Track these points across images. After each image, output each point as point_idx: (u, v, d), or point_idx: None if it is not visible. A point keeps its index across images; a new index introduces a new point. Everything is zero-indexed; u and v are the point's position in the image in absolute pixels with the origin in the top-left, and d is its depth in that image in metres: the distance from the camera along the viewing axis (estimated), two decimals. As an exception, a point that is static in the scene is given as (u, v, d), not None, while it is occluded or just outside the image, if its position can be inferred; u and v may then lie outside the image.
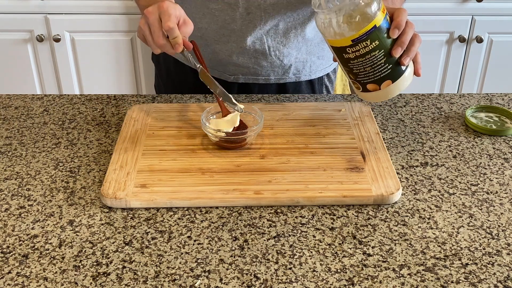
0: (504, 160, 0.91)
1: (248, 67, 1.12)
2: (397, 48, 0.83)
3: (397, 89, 0.86)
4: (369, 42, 0.81)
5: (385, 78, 0.84)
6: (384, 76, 0.84)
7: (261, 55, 1.10)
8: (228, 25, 1.06)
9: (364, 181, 0.83)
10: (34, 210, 0.79)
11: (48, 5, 2.02)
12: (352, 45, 0.81)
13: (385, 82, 0.85)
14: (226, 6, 1.04)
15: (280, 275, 0.69)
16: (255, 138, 0.92)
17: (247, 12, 1.04)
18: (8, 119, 1.02)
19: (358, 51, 0.82)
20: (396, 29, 0.82)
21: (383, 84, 0.85)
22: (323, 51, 1.15)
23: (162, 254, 0.72)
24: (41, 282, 0.68)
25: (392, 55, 0.83)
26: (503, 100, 1.10)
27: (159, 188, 0.81)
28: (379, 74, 0.84)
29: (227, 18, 1.06)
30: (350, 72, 0.86)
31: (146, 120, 0.98)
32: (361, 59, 0.83)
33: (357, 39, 0.81)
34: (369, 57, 0.82)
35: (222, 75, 1.14)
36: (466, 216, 0.79)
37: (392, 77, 0.85)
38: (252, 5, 1.03)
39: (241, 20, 1.05)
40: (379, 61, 0.83)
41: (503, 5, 2.05)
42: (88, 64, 2.13)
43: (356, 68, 0.84)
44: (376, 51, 0.82)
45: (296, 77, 1.16)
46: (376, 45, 0.81)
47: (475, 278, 0.69)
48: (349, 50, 0.82)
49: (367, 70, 0.84)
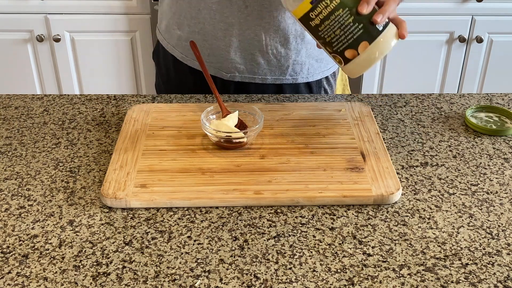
0: (504, 160, 0.91)
1: (245, 65, 1.12)
2: (362, 4, 0.80)
3: (378, 51, 0.82)
4: (329, 1, 0.79)
5: (360, 39, 0.81)
6: (358, 37, 0.81)
7: (258, 52, 1.10)
8: (226, 18, 1.06)
9: (364, 181, 0.83)
10: (34, 210, 0.80)
11: (48, 5, 2.02)
12: (313, 8, 0.80)
13: (361, 44, 0.81)
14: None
15: (280, 275, 0.69)
16: (255, 138, 0.92)
17: (245, 5, 1.04)
18: (8, 119, 1.02)
19: (321, 14, 0.80)
20: None
21: (359, 47, 0.82)
22: (322, 53, 1.15)
23: (162, 254, 0.72)
24: (41, 282, 0.68)
25: (359, 11, 0.80)
26: (503, 100, 1.11)
27: (159, 188, 0.81)
28: (352, 36, 0.81)
29: (225, 11, 1.05)
30: (325, 44, 0.84)
31: (146, 120, 0.98)
32: (327, 22, 0.81)
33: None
34: (333, 17, 0.80)
35: (218, 72, 1.14)
36: (466, 216, 0.79)
37: (368, 38, 0.81)
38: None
39: (239, 13, 1.05)
40: (346, 21, 0.80)
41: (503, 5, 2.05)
42: (88, 64, 2.13)
43: (327, 35, 0.82)
44: (340, 10, 0.80)
45: (293, 79, 1.16)
46: (337, 3, 0.80)
47: (475, 278, 0.69)
48: (312, 15, 0.81)
49: (337, 33, 0.81)
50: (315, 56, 1.15)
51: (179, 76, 1.21)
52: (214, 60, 1.13)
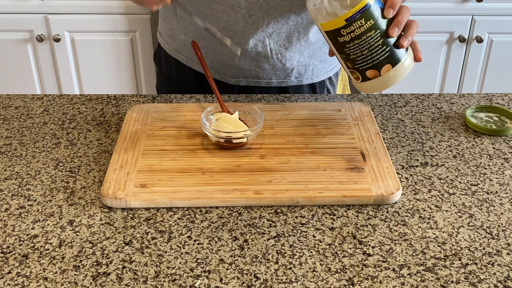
0: (504, 160, 0.91)
1: (250, 70, 1.12)
2: (394, 28, 0.80)
3: (399, 75, 0.83)
4: (364, 21, 0.79)
5: (384, 62, 0.82)
6: (383, 60, 0.82)
7: (263, 58, 1.10)
8: (230, 26, 1.06)
9: (364, 181, 0.83)
10: (34, 210, 0.80)
11: (48, 5, 2.02)
12: (346, 26, 0.80)
13: (384, 66, 0.82)
14: (228, 7, 1.04)
15: (280, 275, 0.69)
16: (255, 138, 0.92)
17: (249, 14, 1.04)
18: (8, 119, 1.02)
19: (353, 32, 0.80)
20: (390, 8, 0.80)
21: (383, 69, 0.83)
22: (325, 54, 1.15)
23: (162, 254, 0.72)
24: (41, 282, 0.68)
25: (389, 35, 0.80)
26: (503, 100, 1.11)
27: (159, 188, 0.81)
28: (378, 58, 0.82)
29: (230, 19, 1.05)
30: (348, 60, 0.84)
31: (146, 120, 0.98)
32: (357, 41, 0.81)
33: (351, 17, 0.79)
34: (365, 38, 0.80)
35: (223, 77, 1.14)
36: (466, 216, 0.79)
37: (392, 61, 0.82)
38: (254, 6, 1.03)
39: (243, 21, 1.05)
40: (376, 42, 0.81)
41: (503, 5, 2.05)
42: (88, 64, 2.13)
43: (353, 52, 0.82)
44: (372, 31, 0.80)
45: (298, 81, 1.16)
46: (371, 25, 0.80)
47: (475, 278, 0.69)
48: (343, 31, 0.80)
49: (364, 53, 0.82)
50: (318, 57, 1.15)
51: (181, 77, 1.21)
52: (218, 66, 1.13)
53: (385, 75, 0.83)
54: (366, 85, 0.86)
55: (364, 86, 0.86)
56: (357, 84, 0.87)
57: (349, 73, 0.87)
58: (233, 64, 1.11)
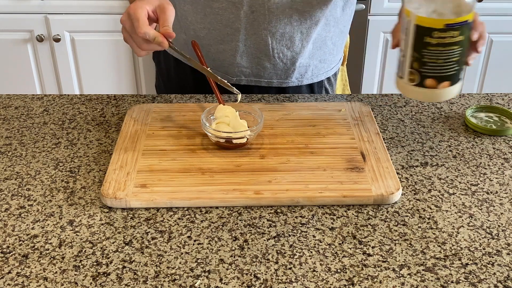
0: (504, 160, 0.91)
1: (251, 69, 1.12)
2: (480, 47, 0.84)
3: (450, 94, 0.85)
4: (458, 33, 0.79)
5: (449, 77, 0.83)
6: (449, 75, 0.83)
7: (264, 56, 1.10)
8: (232, 24, 1.06)
9: (364, 181, 0.83)
10: (34, 210, 0.79)
11: (48, 5, 2.02)
12: (442, 30, 0.79)
13: (445, 81, 0.83)
14: (230, 4, 1.04)
15: (280, 275, 0.69)
16: (255, 138, 0.92)
17: (251, 11, 1.04)
18: (8, 119, 1.02)
19: (443, 38, 0.80)
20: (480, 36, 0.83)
21: (443, 83, 0.83)
22: (325, 54, 1.15)
23: (162, 254, 0.72)
24: (41, 282, 0.68)
25: (476, 51, 0.83)
26: (503, 100, 1.11)
27: (159, 188, 0.81)
28: (446, 71, 0.82)
29: (231, 16, 1.05)
30: (418, 60, 0.83)
31: (146, 120, 0.98)
32: (441, 48, 0.80)
33: (451, 25, 0.78)
34: (449, 49, 0.80)
35: (224, 76, 1.14)
36: (466, 216, 0.79)
37: (453, 79, 0.84)
38: (256, 3, 1.03)
39: (245, 19, 1.05)
40: (455, 57, 0.81)
41: (503, 5, 2.05)
42: (88, 64, 2.13)
43: (429, 57, 0.82)
44: (458, 46, 0.80)
45: (299, 81, 1.16)
46: (461, 40, 0.80)
47: (475, 278, 0.69)
48: (435, 34, 0.80)
49: (439, 62, 0.81)
50: (318, 57, 1.14)
51: (180, 76, 1.21)
52: (219, 64, 1.13)
53: (441, 89, 0.84)
54: (416, 90, 0.85)
55: (413, 90, 0.85)
56: (406, 85, 0.86)
57: (407, 72, 0.85)
58: (234, 62, 1.11)
